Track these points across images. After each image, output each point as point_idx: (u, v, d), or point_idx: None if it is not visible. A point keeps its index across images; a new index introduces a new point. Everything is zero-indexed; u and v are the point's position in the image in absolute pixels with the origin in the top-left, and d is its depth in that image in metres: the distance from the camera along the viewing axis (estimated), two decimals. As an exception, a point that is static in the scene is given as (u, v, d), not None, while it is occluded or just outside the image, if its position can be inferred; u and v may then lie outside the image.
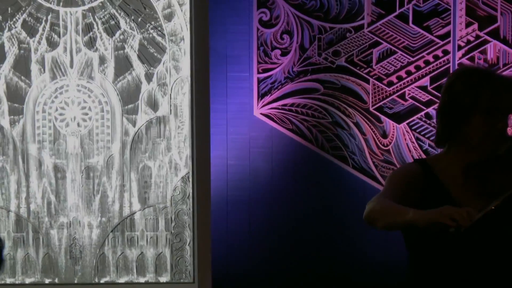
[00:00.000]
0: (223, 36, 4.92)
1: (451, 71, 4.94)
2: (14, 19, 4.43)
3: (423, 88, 4.97)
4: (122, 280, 4.63)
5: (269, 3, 4.93)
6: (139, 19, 4.49)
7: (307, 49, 4.96)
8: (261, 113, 5.00)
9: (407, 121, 4.99)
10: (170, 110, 4.57)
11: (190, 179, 4.58)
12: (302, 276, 5.02)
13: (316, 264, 4.99)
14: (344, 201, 5.00)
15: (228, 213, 5.01)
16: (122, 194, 4.59)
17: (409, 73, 4.97)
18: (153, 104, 4.56)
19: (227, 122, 4.97)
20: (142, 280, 4.64)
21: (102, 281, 4.62)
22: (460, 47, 4.95)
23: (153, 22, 4.50)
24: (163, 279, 4.64)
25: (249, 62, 4.96)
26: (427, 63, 4.96)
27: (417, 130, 4.99)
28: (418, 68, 4.97)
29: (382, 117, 4.99)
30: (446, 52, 4.96)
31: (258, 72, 4.96)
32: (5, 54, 4.46)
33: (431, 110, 4.97)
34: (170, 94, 4.56)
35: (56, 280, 4.60)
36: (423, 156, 4.97)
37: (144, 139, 4.57)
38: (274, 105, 4.99)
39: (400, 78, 4.97)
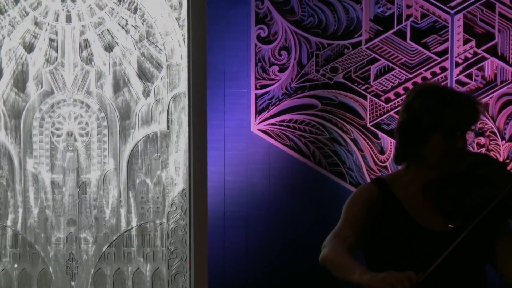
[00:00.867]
0: (221, 52, 4.89)
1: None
2: (12, 34, 4.41)
3: (421, 105, 4.93)
4: (118, 296, 4.59)
5: (267, 19, 4.90)
6: (137, 35, 4.46)
7: (305, 65, 4.92)
8: (258, 129, 4.95)
9: (405, 138, 4.93)
10: (168, 125, 4.53)
11: (187, 195, 4.53)
12: (299, 293, 4.98)
13: (314, 279, 4.94)
14: (342, 217, 4.95)
15: (225, 229, 4.96)
16: (119, 210, 4.54)
17: (406, 90, 4.92)
18: (151, 120, 4.52)
19: (224, 138, 4.93)
20: (138, 296, 4.60)
21: (98, 296, 4.58)
22: (457, 64, 4.92)
23: (150, 38, 4.47)
24: (160, 295, 4.60)
25: (247, 78, 4.92)
26: (424, 79, 4.92)
27: (415, 147, 4.93)
28: (415, 84, 4.93)
29: (380, 134, 4.95)
30: (443, 69, 4.92)
31: (256, 88, 4.93)
32: (2, 69, 4.43)
33: (429, 127, 4.92)
34: (168, 110, 4.52)
35: (52, 296, 4.56)
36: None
37: (141, 154, 4.53)
38: (272, 121, 4.95)
39: (397, 95, 4.93)
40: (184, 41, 4.47)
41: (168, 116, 4.52)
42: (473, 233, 2.59)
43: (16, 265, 4.52)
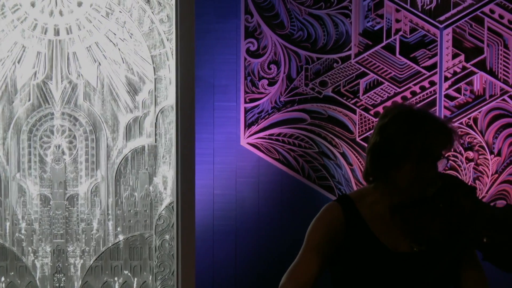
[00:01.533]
0: (210, 66, 4.85)
1: (437, 102, 4.87)
2: None
3: (410, 119, 4.89)
4: (105, 309, 4.54)
5: (256, 33, 4.87)
6: (125, 48, 4.43)
7: (294, 79, 4.89)
8: (248, 143, 4.92)
9: (394, 152, 4.90)
10: (155, 138, 4.49)
11: (175, 208, 4.49)
12: (288, 307, 4.92)
13: (302, 294, 4.89)
14: (331, 231, 4.91)
15: (214, 242, 4.91)
16: (106, 223, 4.50)
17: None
18: (138, 133, 4.48)
19: (213, 151, 4.89)
20: (126, 309, 4.55)
21: (85, 310, 4.53)
22: (446, 78, 4.88)
23: (139, 51, 4.44)
24: (147, 308, 4.55)
25: (236, 92, 4.89)
26: (413, 93, 4.89)
27: (404, 161, 4.90)
28: (404, 98, 4.89)
29: (369, 148, 4.90)
30: (432, 83, 4.89)
31: (245, 102, 4.89)
32: (-10, 81, 4.40)
33: (418, 141, 4.89)
34: (155, 123, 4.48)
35: (40, 309, 4.51)
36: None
37: (129, 167, 4.49)
38: (261, 134, 4.91)
39: (386, 109, 4.89)
40: (172, 54, 4.44)
41: (156, 130, 4.48)
42: (438, 260, 2.56)
43: (3, 278, 4.48)
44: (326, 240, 2.64)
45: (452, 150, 3.64)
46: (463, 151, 4.87)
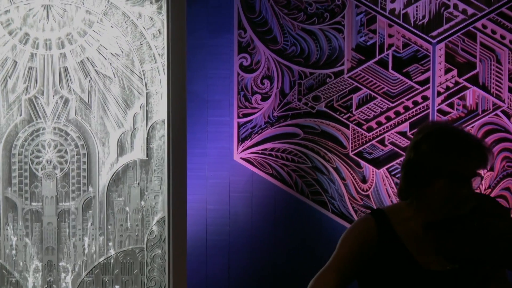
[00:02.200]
0: (204, 81, 4.82)
1: (430, 117, 4.81)
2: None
3: (403, 134, 4.84)
4: (97, 324, 4.48)
5: (249, 48, 4.83)
6: (117, 63, 4.39)
7: (287, 94, 4.84)
8: (241, 158, 4.87)
9: (387, 167, 4.84)
10: (147, 153, 4.44)
11: (166, 223, 4.44)
12: (281, 322, 4.87)
13: (295, 309, 4.84)
14: (324, 246, 4.85)
15: (207, 257, 4.86)
16: (98, 237, 4.45)
17: (388, 119, 4.84)
18: (130, 148, 4.44)
19: (207, 166, 4.84)
20: (117, 324, 4.48)
21: (77, 325, 4.47)
22: (439, 93, 4.83)
23: (130, 66, 4.40)
24: (139, 323, 4.49)
25: (229, 107, 4.84)
26: (406, 108, 4.84)
27: (397, 176, 4.84)
28: (397, 113, 4.84)
29: (362, 162, 4.85)
30: (425, 98, 4.84)
31: (239, 117, 4.85)
32: (-19, 96, 4.36)
33: (411, 156, 4.83)
34: (147, 138, 4.44)
35: (31, 324, 4.45)
36: (403, 201, 4.82)
37: (120, 182, 4.44)
38: (254, 149, 4.86)
39: (379, 124, 4.84)
40: (163, 69, 4.40)
41: (147, 144, 4.43)
42: (470, 278, 2.53)
43: (-6, 293, 4.43)
44: (356, 252, 2.60)
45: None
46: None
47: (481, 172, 2.57)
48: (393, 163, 4.83)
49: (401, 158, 4.82)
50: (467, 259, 2.51)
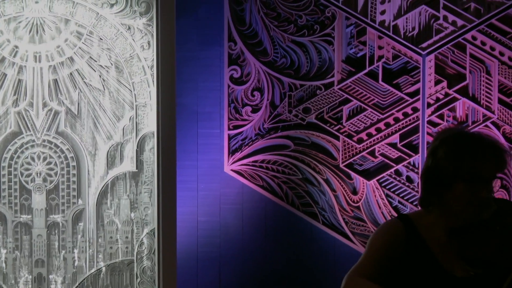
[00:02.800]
0: (194, 93, 4.79)
1: (420, 128, 4.79)
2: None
3: (393, 145, 4.81)
4: (87, 337, 4.44)
5: (240, 60, 4.80)
6: (107, 75, 4.37)
7: (277, 106, 4.81)
8: (231, 170, 4.83)
9: (377, 178, 4.81)
10: (136, 165, 4.41)
11: (156, 235, 4.40)
12: (272, 334, 4.83)
13: (286, 321, 4.80)
14: (315, 257, 4.82)
15: (198, 269, 4.82)
16: (88, 250, 4.41)
17: (379, 130, 4.81)
18: (120, 160, 4.41)
19: (197, 178, 4.81)
20: (107, 337, 4.44)
21: (67, 337, 4.43)
22: (429, 105, 4.80)
23: (120, 78, 4.37)
24: (129, 336, 4.45)
25: (220, 119, 4.82)
26: (396, 120, 4.81)
27: (387, 187, 4.81)
28: (387, 125, 4.81)
29: (352, 174, 4.82)
30: (415, 110, 4.81)
31: (229, 129, 4.82)
32: (-30, 109, 4.33)
33: (401, 167, 4.80)
34: (137, 150, 4.40)
35: (21, 337, 4.41)
36: (393, 213, 4.79)
37: (110, 194, 4.41)
38: (245, 161, 4.83)
39: (370, 135, 4.81)
40: (153, 81, 4.37)
41: (137, 156, 4.40)
42: (493, 283, 2.52)
43: (-16, 306, 4.39)
44: (385, 253, 2.60)
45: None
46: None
47: (500, 174, 2.56)
48: (384, 174, 4.80)
49: (391, 170, 4.79)
50: (491, 264, 2.49)
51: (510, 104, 4.77)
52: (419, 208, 2.68)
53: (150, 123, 4.37)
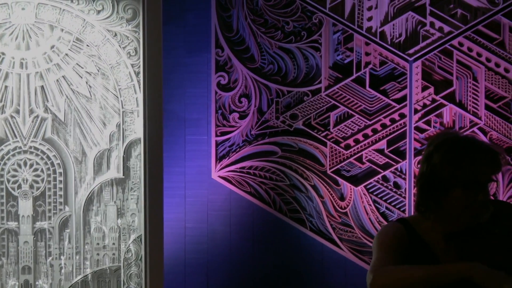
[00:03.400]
0: (182, 99, 4.77)
1: (407, 134, 4.78)
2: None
3: (380, 151, 4.80)
4: None
5: (227, 66, 4.79)
6: (93, 81, 4.35)
7: (265, 112, 4.80)
8: (219, 176, 4.81)
9: (364, 184, 4.79)
10: (123, 172, 4.39)
11: (143, 241, 4.37)
12: None
13: (274, 328, 4.78)
14: (302, 263, 4.80)
15: (185, 276, 4.80)
16: (74, 256, 4.38)
17: (366, 136, 4.80)
18: (106, 166, 4.38)
19: (185, 184, 4.79)
20: None
21: None
22: (416, 111, 4.79)
23: (106, 84, 4.35)
24: None
25: (207, 125, 4.80)
26: (384, 126, 4.80)
27: (374, 193, 4.80)
28: (375, 131, 4.80)
29: (340, 180, 4.80)
30: (402, 116, 4.80)
31: (217, 135, 4.80)
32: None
33: (388, 173, 4.79)
34: (123, 156, 4.38)
35: None
36: (381, 219, 4.77)
37: (96, 201, 4.38)
38: (232, 168, 4.81)
39: (357, 141, 4.80)
40: (140, 87, 4.35)
41: (124, 163, 4.38)
42: None
43: (-30, 313, 4.35)
44: (394, 249, 2.58)
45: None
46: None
47: (495, 177, 2.55)
48: (371, 180, 4.78)
49: (379, 176, 4.77)
50: (492, 266, 2.47)
51: (497, 110, 4.76)
52: (412, 213, 2.67)
53: (137, 130, 4.35)
